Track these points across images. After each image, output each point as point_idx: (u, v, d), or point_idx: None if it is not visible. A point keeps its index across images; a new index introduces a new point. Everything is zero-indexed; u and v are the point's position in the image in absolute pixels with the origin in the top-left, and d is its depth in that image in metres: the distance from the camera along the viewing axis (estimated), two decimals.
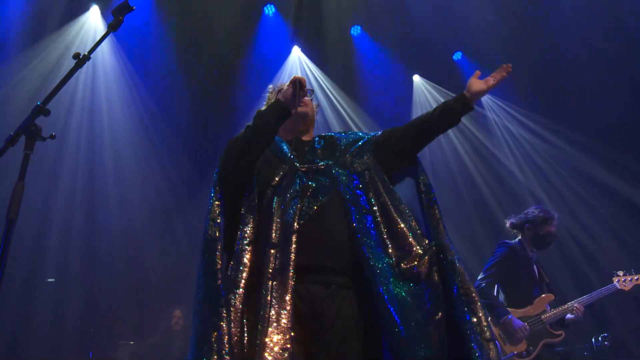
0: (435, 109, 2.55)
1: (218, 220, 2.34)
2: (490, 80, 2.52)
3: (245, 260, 2.20)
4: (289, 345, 2.01)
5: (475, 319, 2.17)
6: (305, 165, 2.45)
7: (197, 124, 7.91)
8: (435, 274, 2.26)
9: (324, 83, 9.00)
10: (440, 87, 9.06)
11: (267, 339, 2.00)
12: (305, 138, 2.67)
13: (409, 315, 2.13)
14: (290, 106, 2.42)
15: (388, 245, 2.26)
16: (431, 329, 2.15)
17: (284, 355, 1.99)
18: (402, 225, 2.31)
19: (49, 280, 6.51)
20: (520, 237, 5.07)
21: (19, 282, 6.39)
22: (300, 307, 2.15)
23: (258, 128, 2.39)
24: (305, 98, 2.66)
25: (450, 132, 9.10)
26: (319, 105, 3.00)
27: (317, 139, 2.67)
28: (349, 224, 2.30)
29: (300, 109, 2.57)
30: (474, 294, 2.22)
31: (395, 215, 2.33)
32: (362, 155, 2.52)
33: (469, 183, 9.05)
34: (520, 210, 5.33)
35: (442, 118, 2.52)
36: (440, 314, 2.19)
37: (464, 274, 2.25)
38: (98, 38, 6.96)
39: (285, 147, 2.53)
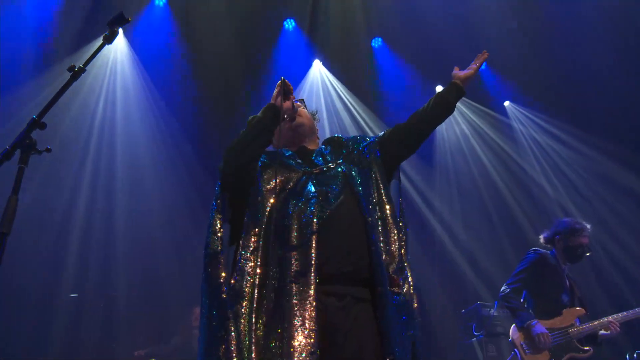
0: (430, 101, 2.65)
1: (220, 234, 2.33)
2: (474, 66, 2.72)
3: (250, 270, 2.17)
4: (315, 349, 1.96)
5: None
6: (318, 167, 2.48)
7: (216, 138, 7.92)
8: (410, 293, 2.30)
9: (346, 96, 8.95)
10: (464, 98, 8.92)
11: (294, 343, 1.96)
12: (310, 146, 2.70)
13: (394, 323, 2.17)
14: (276, 103, 2.49)
15: (383, 246, 2.30)
16: (405, 343, 2.18)
17: (311, 358, 1.95)
18: (395, 230, 2.36)
19: (72, 295, 6.54)
20: (552, 251, 4.96)
21: (38, 296, 6.45)
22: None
23: (251, 128, 2.46)
24: (300, 109, 2.74)
25: (474, 143, 8.97)
26: (317, 112, 2.98)
27: (322, 146, 2.73)
28: (363, 218, 2.31)
29: (297, 120, 2.67)
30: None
31: (390, 219, 2.37)
32: (367, 154, 2.57)
33: (495, 196, 8.83)
34: (549, 223, 5.19)
35: (438, 107, 2.62)
36: (411, 332, 2.23)
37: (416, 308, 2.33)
38: (119, 59, 7.05)
39: (293, 156, 2.57)
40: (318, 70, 8.95)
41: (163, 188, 7.55)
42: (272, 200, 2.33)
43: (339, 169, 2.48)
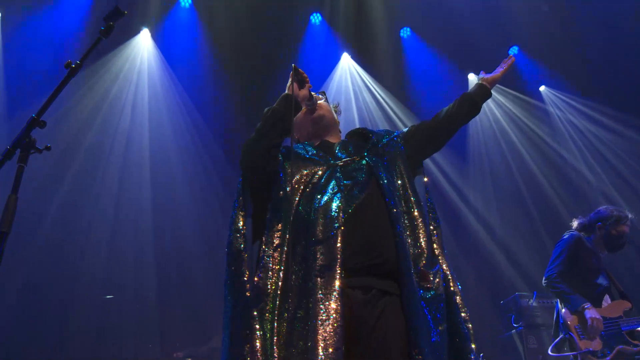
0: (456, 101, 2.65)
1: (243, 231, 2.29)
2: (500, 69, 2.72)
3: (274, 266, 2.13)
4: (341, 344, 1.90)
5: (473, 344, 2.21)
6: (342, 160, 2.43)
7: (244, 137, 7.96)
8: (442, 288, 2.24)
9: (375, 89, 8.83)
10: (498, 85, 8.70)
11: (319, 338, 1.90)
12: (333, 140, 2.66)
13: (421, 316, 2.10)
14: (288, 90, 2.48)
15: (409, 239, 2.26)
16: (435, 339, 2.11)
17: (337, 354, 1.88)
18: (422, 224, 2.32)
19: (107, 297, 6.65)
20: (591, 236, 4.79)
21: (72, 298, 6.59)
22: None
23: (266, 119, 2.42)
24: (320, 102, 2.71)
25: (509, 131, 8.72)
26: (338, 105, 2.94)
27: (345, 138, 2.71)
28: (389, 211, 2.26)
29: (317, 113, 2.66)
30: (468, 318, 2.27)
31: (416, 212, 2.34)
32: (392, 148, 2.54)
33: (532, 186, 8.53)
34: (590, 211, 4.96)
35: (464, 107, 2.62)
36: (444, 326, 2.16)
37: (463, 304, 2.30)
38: (147, 62, 7.13)
39: (314, 150, 2.53)
40: (347, 64, 8.86)
41: (193, 187, 7.62)
42: (296, 196, 2.29)
43: (364, 162, 2.43)
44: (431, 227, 2.39)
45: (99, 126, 7.30)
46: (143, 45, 7.92)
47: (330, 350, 1.88)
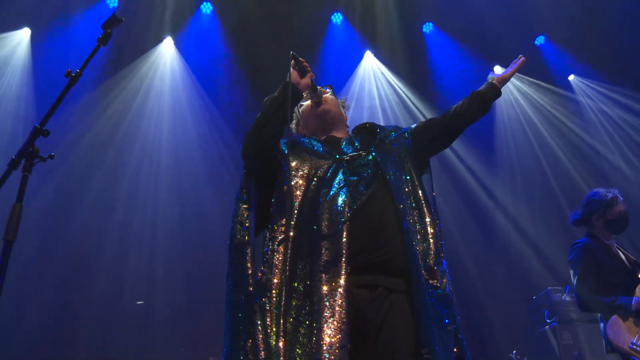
0: (465, 99, 2.61)
1: (247, 224, 2.28)
2: (510, 70, 2.70)
3: (278, 262, 2.10)
4: (346, 342, 1.88)
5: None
6: (349, 155, 2.40)
7: None
8: (448, 287, 2.20)
9: (399, 86, 8.73)
10: (523, 76, 8.48)
11: (324, 336, 1.88)
12: (339, 135, 2.62)
13: (431, 315, 2.05)
14: (288, 78, 2.45)
15: (417, 236, 2.23)
16: (444, 337, 2.06)
17: (342, 352, 1.86)
18: (429, 221, 2.28)
19: (138, 302, 6.73)
20: (589, 232, 4.53)
21: (104, 303, 6.70)
22: None
23: (266, 108, 2.41)
24: (326, 95, 2.68)
25: (538, 123, 8.49)
26: (346, 100, 2.91)
27: (352, 134, 2.66)
28: (395, 207, 2.22)
29: (323, 107, 2.62)
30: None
31: (424, 208, 2.31)
32: (400, 144, 2.51)
33: (566, 184, 8.20)
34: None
35: (474, 105, 2.58)
36: (452, 327, 2.13)
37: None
38: (170, 69, 7.21)
39: (320, 144, 2.49)
40: (370, 62, 8.80)
41: (220, 192, 7.64)
42: (300, 190, 2.26)
43: (370, 157, 2.39)
44: (436, 227, 2.33)
45: (123, 134, 7.45)
46: (166, 52, 8.05)
47: (335, 348, 1.85)
